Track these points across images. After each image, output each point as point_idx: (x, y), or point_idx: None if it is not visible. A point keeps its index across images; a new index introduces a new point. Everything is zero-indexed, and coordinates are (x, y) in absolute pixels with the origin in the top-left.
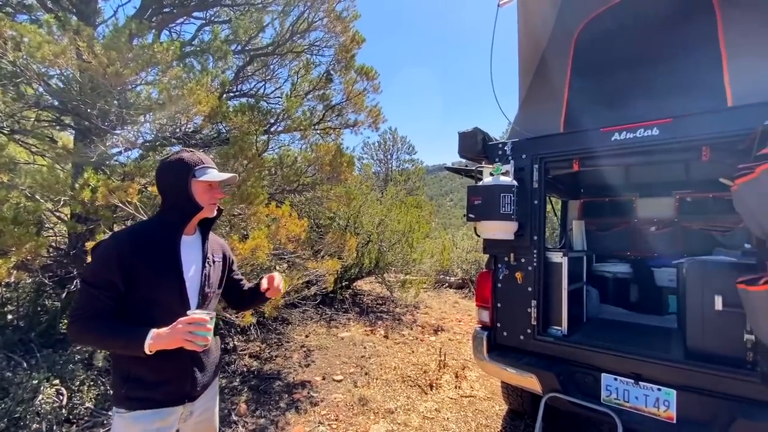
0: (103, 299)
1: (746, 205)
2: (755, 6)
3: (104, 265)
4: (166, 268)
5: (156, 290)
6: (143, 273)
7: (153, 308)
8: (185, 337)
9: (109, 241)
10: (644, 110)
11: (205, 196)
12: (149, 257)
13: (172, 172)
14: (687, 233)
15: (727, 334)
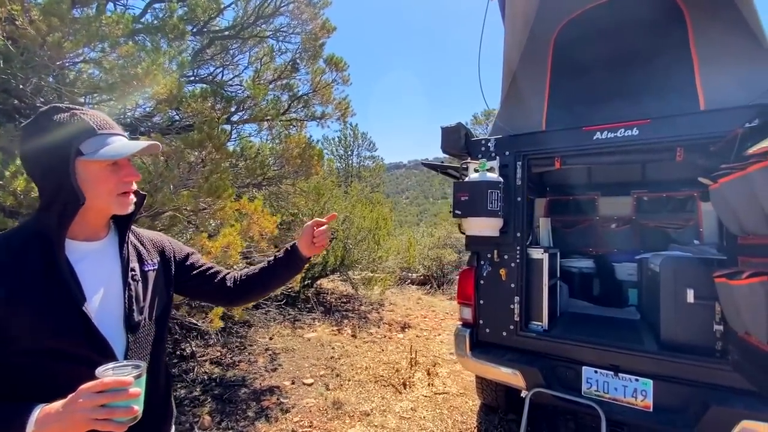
0: None
1: (728, 203)
2: (723, 15)
3: None
4: (57, 300)
5: (46, 336)
6: (20, 315)
7: (51, 366)
8: (94, 416)
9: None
10: (622, 111)
11: (108, 181)
12: (23, 288)
13: (44, 146)
14: (644, 230)
15: (697, 325)
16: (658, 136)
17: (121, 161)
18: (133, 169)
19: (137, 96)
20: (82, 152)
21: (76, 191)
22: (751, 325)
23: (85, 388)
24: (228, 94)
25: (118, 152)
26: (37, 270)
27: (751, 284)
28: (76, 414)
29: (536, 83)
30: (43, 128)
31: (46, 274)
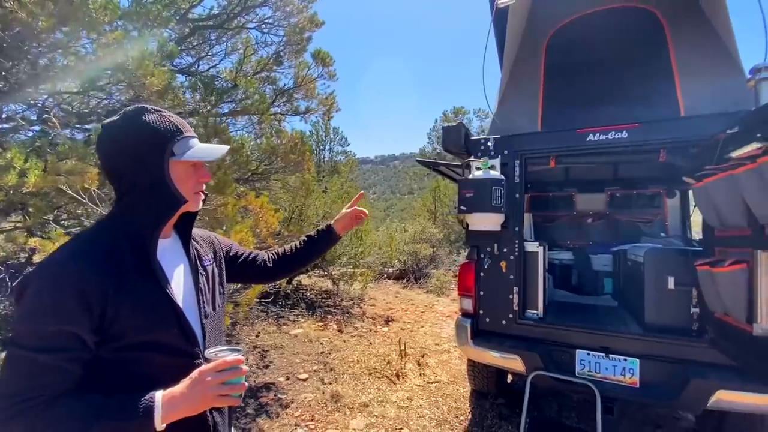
0: (61, 367)
1: (710, 199)
2: (698, 31)
3: (56, 311)
4: (152, 295)
5: (148, 330)
6: (124, 311)
7: (148, 357)
8: (219, 392)
9: (57, 269)
10: (612, 115)
11: (188, 181)
12: (125, 285)
13: (137, 146)
14: (617, 224)
15: (677, 308)
16: (644, 138)
17: (198, 162)
18: (206, 170)
19: (129, 87)
20: (173, 153)
21: (173, 191)
22: (731, 307)
23: (209, 368)
24: (220, 87)
25: (209, 154)
26: (131, 267)
27: (733, 271)
28: (206, 392)
29: (531, 85)
30: (136, 127)
31: (140, 270)
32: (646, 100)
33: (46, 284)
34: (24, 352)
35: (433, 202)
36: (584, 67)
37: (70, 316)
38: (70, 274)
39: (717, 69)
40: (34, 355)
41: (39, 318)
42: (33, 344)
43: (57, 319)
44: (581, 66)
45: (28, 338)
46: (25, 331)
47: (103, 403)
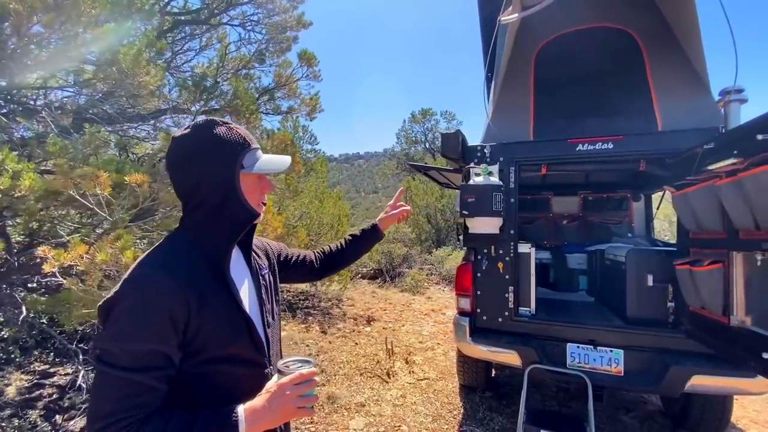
0: (153, 386)
1: (690, 206)
2: (671, 55)
3: (147, 330)
4: (228, 310)
5: (225, 344)
6: (205, 327)
7: (225, 370)
8: (298, 405)
9: (146, 287)
10: (598, 127)
11: (254, 193)
12: (206, 301)
13: (210, 159)
14: (590, 225)
15: (655, 303)
16: (628, 149)
17: (262, 174)
18: (269, 181)
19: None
20: (243, 165)
21: (246, 205)
22: (709, 302)
23: (287, 381)
24: (208, 85)
25: (276, 166)
26: (208, 281)
27: (711, 270)
28: (286, 405)
29: (522, 96)
30: (208, 140)
31: (215, 284)
32: (627, 114)
33: (139, 303)
34: (118, 372)
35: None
36: (571, 81)
37: (162, 336)
38: (160, 292)
39: (688, 89)
40: (129, 375)
41: (133, 337)
42: (127, 364)
43: (150, 339)
44: (568, 80)
45: (121, 358)
46: (118, 351)
47: (191, 421)
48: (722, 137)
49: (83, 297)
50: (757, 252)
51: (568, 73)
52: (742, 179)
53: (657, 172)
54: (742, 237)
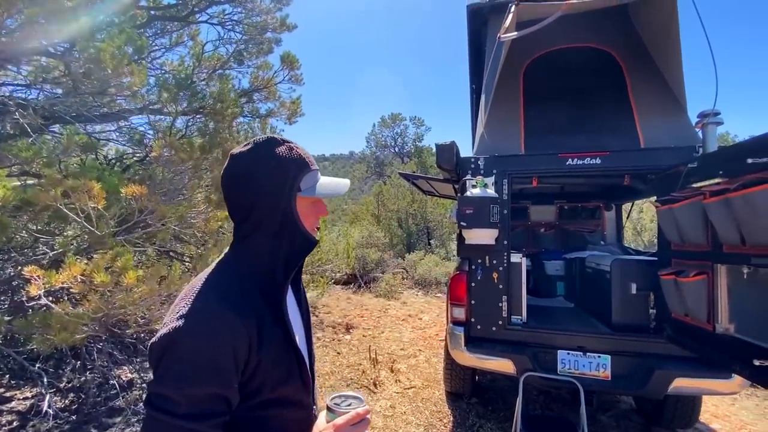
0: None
1: (675, 220)
2: (650, 77)
3: (213, 373)
4: (284, 349)
5: (280, 386)
6: (263, 367)
7: (276, 413)
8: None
9: (212, 324)
10: (585, 142)
11: (310, 218)
12: (264, 338)
13: (268, 179)
14: (566, 233)
15: (638, 310)
16: (613, 165)
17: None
18: (324, 206)
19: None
20: (300, 188)
21: (304, 232)
22: (694, 310)
23: (344, 423)
24: (194, 87)
25: (335, 191)
26: (265, 315)
27: (696, 281)
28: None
29: (512, 110)
30: (268, 159)
31: (272, 320)
32: (612, 131)
33: (204, 341)
34: (171, 419)
35: (377, 206)
36: (559, 97)
37: (225, 379)
38: (225, 329)
39: (666, 109)
40: (188, 424)
41: (194, 381)
42: (184, 411)
43: (212, 383)
44: (556, 96)
45: (181, 404)
46: (175, 396)
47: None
48: (708, 157)
49: (66, 320)
50: (744, 265)
51: (557, 89)
52: (731, 199)
53: (632, 185)
54: (726, 250)
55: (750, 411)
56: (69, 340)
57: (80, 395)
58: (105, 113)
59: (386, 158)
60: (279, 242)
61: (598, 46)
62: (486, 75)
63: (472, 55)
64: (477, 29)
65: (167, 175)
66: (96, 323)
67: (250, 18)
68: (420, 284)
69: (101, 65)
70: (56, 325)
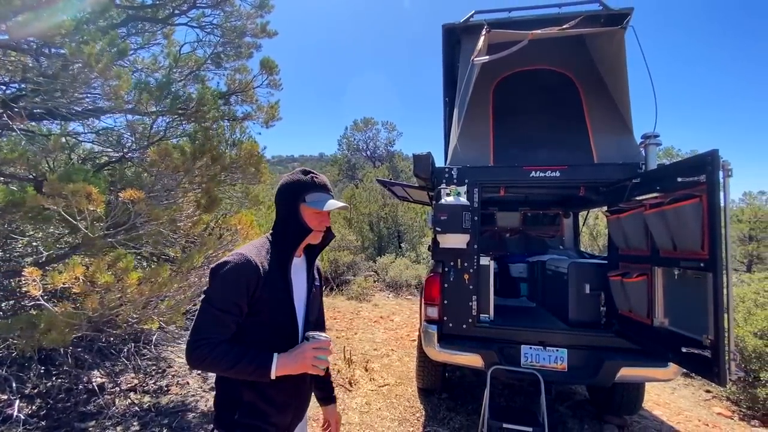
0: (229, 324)
1: (622, 228)
2: (601, 99)
3: (233, 288)
4: (281, 293)
5: (273, 315)
6: (265, 298)
7: (267, 332)
8: (313, 363)
9: (237, 262)
10: (546, 156)
11: (313, 222)
12: (269, 282)
13: (286, 192)
14: (529, 238)
15: (591, 308)
16: (571, 177)
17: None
18: (328, 218)
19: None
20: (305, 200)
21: (302, 223)
22: (636, 306)
23: (309, 344)
24: (175, 91)
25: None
26: (274, 270)
27: (638, 281)
28: (306, 360)
29: (482, 125)
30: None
31: (278, 274)
32: (570, 146)
33: (231, 271)
34: (213, 309)
35: (349, 209)
36: (524, 114)
37: (240, 294)
38: (244, 267)
39: (615, 129)
40: (219, 312)
41: (227, 290)
42: (219, 305)
43: (236, 294)
44: (521, 112)
45: (217, 300)
46: (217, 296)
47: (246, 352)
48: (648, 174)
49: (55, 320)
50: (675, 268)
51: (522, 107)
52: (666, 211)
53: (587, 196)
54: (662, 255)
55: (687, 399)
56: (59, 341)
57: (47, 401)
58: (73, 111)
59: (358, 161)
60: (287, 230)
61: (558, 69)
62: (459, 91)
63: (446, 71)
64: (451, 47)
65: (150, 178)
66: (85, 324)
67: (229, 22)
68: (391, 287)
69: (90, 67)
70: (42, 327)
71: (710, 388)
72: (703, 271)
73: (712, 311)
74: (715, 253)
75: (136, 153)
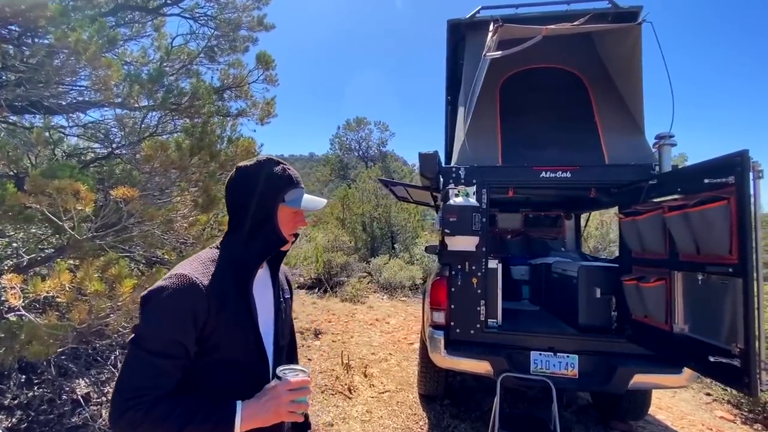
0: (170, 371)
1: (637, 230)
2: (611, 99)
3: (173, 322)
4: (243, 320)
5: (233, 350)
6: (220, 329)
7: (226, 372)
8: (290, 409)
9: (176, 286)
10: (556, 156)
11: (288, 224)
12: (225, 307)
13: (266, 189)
14: (530, 240)
15: (602, 312)
16: (582, 178)
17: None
18: (303, 217)
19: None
20: (284, 200)
21: (278, 232)
22: (653, 312)
23: (283, 386)
24: (168, 82)
25: (313, 205)
26: (231, 291)
27: (656, 285)
28: (281, 408)
29: (490, 123)
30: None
31: (238, 296)
32: (580, 146)
33: (169, 300)
34: (145, 354)
35: (342, 210)
36: (532, 113)
37: (185, 330)
38: (187, 292)
39: (626, 129)
40: (154, 358)
41: (161, 327)
42: (153, 348)
43: (175, 331)
44: (530, 111)
45: (150, 342)
46: (149, 336)
47: (195, 408)
48: (667, 176)
49: (42, 332)
50: (699, 272)
51: (530, 105)
52: (690, 213)
53: (596, 197)
54: (683, 259)
55: (688, 402)
56: (42, 353)
57: (29, 412)
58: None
59: (350, 161)
60: (256, 237)
61: (566, 68)
62: (464, 88)
63: (449, 68)
64: (455, 44)
65: (142, 175)
66: (71, 335)
67: (224, 13)
68: (385, 288)
69: (78, 56)
70: (23, 337)
71: (710, 391)
72: (731, 276)
73: (742, 319)
74: (746, 258)
75: (125, 149)
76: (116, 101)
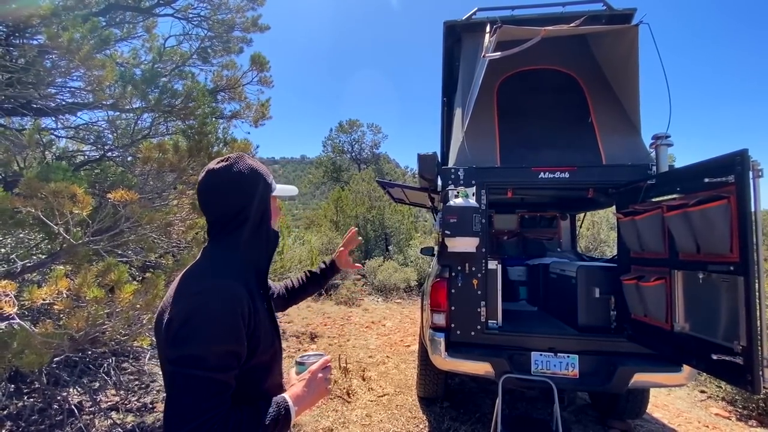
0: (230, 383)
1: (636, 230)
2: (607, 100)
3: (226, 333)
4: (267, 323)
5: (264, 353)
6: (257, 333)
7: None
8: (328, 386)
9: (220, 296)
10: (554, 157)
11: (274, 216)
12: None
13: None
14: (527, 241)
15: (601, 312)
16: (580, 179)
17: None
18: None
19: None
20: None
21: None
22: (653, 311)
23: (317, 368)
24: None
25: (290, 193)
26: (256, 293)
27: (656, 285)
28: (321, 386)
29: (488, 124)
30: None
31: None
32: (578, 147)
33: (220, 308)
34: (203, 372)
35: (335, 212)
36: (530, 114)
37: (239, 337)
38: (235, 299)
39: (622, 130)
40: (213, 374)
41: (217, 339)
42: (212, 364)
43: (231, 340)
44: (527, 112)
45: (207, 359)
46: (205, 353)
47: (254, 411)
48: (666, 175)
49: (36, 340)
50: (700, 271)
51: (527, 107)
52: (690, 213)
53: (594, 197)
54: (683, 258)
55: (683, 400)
56: (36, 363)
57: (19, 423)
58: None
59: (343, 164)
60: (261, 233)
61: (562, 69)
62: (461, 90)
63: (445, 70)
64: (451, 45)
65: (136, 178)
66: (67, 343)
67: (218, 14)
68: (380, 290)
69: (71, 55)
70: (16, 347)
71: (705, 389)
72: (733, 275)
73: (743, 317)
74: (747, 256)
75: (117, 152)
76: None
